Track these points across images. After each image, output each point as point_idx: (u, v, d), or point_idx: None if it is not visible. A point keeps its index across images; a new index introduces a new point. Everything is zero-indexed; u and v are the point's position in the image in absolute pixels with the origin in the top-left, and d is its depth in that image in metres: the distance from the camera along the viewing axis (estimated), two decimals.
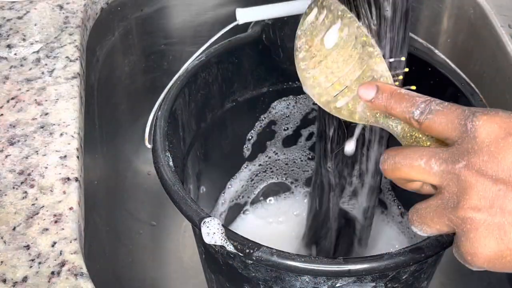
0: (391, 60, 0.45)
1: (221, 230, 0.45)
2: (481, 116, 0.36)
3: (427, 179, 0.37)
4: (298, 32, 0.49)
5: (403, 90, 0.40)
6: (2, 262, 0.46)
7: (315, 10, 0.48)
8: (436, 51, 0.66)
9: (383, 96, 0.40)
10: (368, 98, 0.40)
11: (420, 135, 0.40)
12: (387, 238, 0.74)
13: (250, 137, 0.73)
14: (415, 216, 0.38)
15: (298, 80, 0.69)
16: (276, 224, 0.78)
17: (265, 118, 0.72)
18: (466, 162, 0.35)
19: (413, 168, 0.37)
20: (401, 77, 0.45)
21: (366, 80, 0.44)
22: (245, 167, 0.75)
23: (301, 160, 0.77)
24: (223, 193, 0.75)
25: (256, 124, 0.72)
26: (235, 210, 0.77)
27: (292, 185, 0.79)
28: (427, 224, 0.38)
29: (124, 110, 0.83)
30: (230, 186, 0.75)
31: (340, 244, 0.63)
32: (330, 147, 0.54)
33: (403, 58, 0.46)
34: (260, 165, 0.76)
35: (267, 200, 0.79)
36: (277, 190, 0.79)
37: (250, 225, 0.77)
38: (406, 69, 0.45)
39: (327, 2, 0.47)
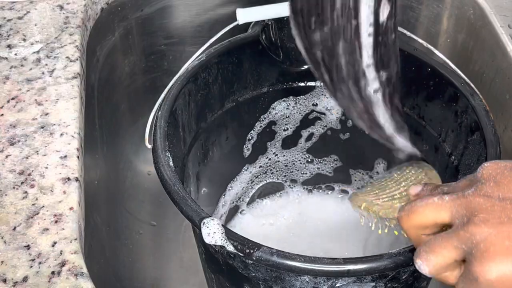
0: None
1: (221, 230, 0.45)
2: (489, 162, 0.39)
3: (439, 215, 0.38)
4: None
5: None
6: (2, 262, 0.46)
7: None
8: (436, 51, 0.66)
9: (428, 189, 0.43)
10: (414, 193, 0.44)
11: None
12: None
13: (250, 137, 0.73)
14: (424, 247, 0.38)
15: (298, 80, 0.70)
16: (270, 223, 0.78)
17: (265, 118, 0.72)
18: (474, 189, 0.37)
19: (427, 205, 0.38)
20: None
21: None
22: (246, 169, 0.75)
23: (301, 163, 0.77)
24: (224, 195, 0.75)
25: (256, 124, 0.72)
26: (235, 210, 0.77)
27: (289, 187, 0.79)
28: (434, 251, 0.37)
29: (124, 110, 0.83)
30: (230, 188, 0.75)
31: None
32: None
33: None
34: (260, 166, 0.76)
35: (263, 199, 0.79)
36: (274, 189, 0.79)
37: (246, 221, 0.77)
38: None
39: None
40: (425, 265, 0.37)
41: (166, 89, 0.60)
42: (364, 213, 0.49)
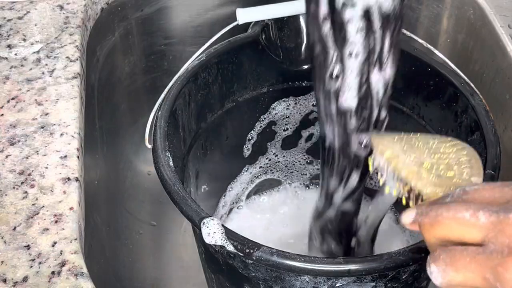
0: None
1: (221, 230, 0.45)
2: None
3: (468, 233, 0.32)
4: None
5: None
6: (2, 262, 0.46)
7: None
8: (436, 51, 0.66)
9: (425, 212, 0.35)
10: (408, 222, 0.37)
11: None
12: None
13: (250, 138, 0.73)
14: (444, 255, 0.32)
15: (298, 80, 0.70)
16: (267, 217, 0.78)
17: (265, 118, 0.72)
18: None
19: (456, 219, 0.32)
20: None
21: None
22: (246, 170, 0.75)
23: (300, 164, 0.77)
24: (224, 195, 0.75)
25: (256, 124, 0.72)
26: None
27: (288, 184, 0.79)
28: (455, 267, 0.31)
29: (124, 110, 0.83)
30: (231, 189, 0.75)
31: None
32: None
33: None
34: (260, 167, 0.76)
35: (261, 195, 0.79)
36: (272, 186, 0.79)
37: (243, 217, 0.77)
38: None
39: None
40: (439, 276, 0.32)
41: (166, 89, 0.60)
42: (381, 162, 0.42)
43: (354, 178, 0.51)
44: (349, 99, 0.46)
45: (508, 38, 0.69)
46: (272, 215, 0.78)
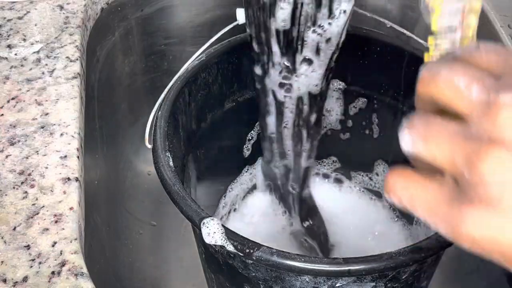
0: None
1: (221, 230, 0.45)
2: None
3: (456, 102, 0.29)
4: None
5: None
6: (2, 262, 0.46)
7: None
8: None
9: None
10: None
11: None
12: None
13: (250, 137, 0.73)
14: (420, 124, 0.29)
15: None
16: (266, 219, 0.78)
17: None
18: None
19: (450, 85, 0.29)
20: None
21: None
22: (246, 171, 0.75)
23: None
24: (224, 196, 0.75)
25: (256, 124, 0.72)
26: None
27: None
28: (426, 141, 0.29)
29: (124, 110, 0.83)
30: (231, 190, 0.75)
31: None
32: None
33: None
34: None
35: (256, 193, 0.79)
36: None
37: (239, 217, 0.77)
38: None
39: None
40: (409, 145, 0.30)
41: (166, 89, 0.60)
42: None
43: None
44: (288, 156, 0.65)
45: (508, 38, 0.69)
46: (271, 215, 0.78)
